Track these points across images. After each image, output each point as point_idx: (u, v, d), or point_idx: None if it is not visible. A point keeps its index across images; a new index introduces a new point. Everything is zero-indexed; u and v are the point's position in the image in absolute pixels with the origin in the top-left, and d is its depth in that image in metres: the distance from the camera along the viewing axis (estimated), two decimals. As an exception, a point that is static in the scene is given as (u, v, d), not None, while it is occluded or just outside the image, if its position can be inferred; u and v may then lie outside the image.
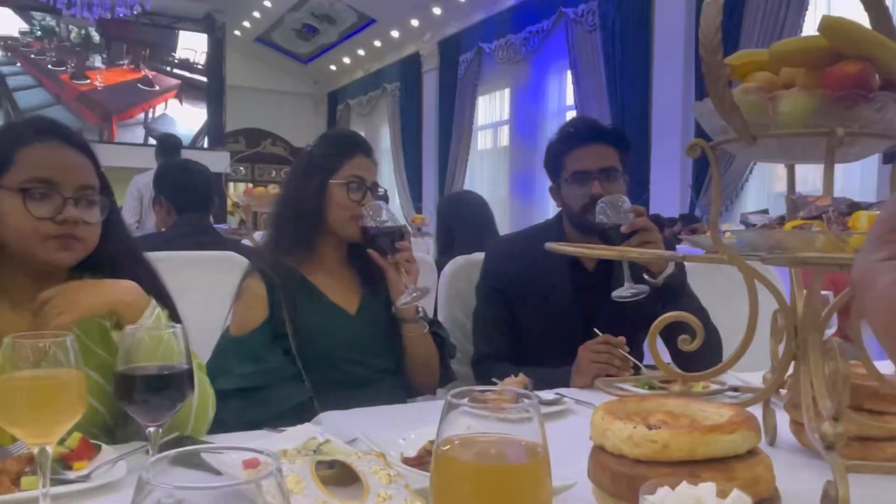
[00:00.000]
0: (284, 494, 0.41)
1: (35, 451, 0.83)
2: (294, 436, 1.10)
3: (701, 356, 1.22)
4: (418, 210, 10.25)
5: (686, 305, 1.54)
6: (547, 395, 1.49)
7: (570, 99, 8.41)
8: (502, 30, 9.23)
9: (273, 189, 3.96)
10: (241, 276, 1.70)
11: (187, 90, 12.48)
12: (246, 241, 3.39)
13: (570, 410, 1.43)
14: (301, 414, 1.37)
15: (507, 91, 9.80)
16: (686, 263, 1.71)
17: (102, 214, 1.22)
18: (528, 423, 0.57)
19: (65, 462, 1.03)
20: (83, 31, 11.51)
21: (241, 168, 13.62)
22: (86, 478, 1.00)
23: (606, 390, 1.28)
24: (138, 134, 11.91)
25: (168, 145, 4.82)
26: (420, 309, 1.74)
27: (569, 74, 8.23)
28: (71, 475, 1.01)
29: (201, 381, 1.23)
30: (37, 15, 11.24)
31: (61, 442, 1.03)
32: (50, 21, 11.37)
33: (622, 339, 1.63)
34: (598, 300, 1.81)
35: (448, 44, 10.46)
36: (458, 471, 0.55)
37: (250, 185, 10.87)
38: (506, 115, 9.92)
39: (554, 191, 1.96)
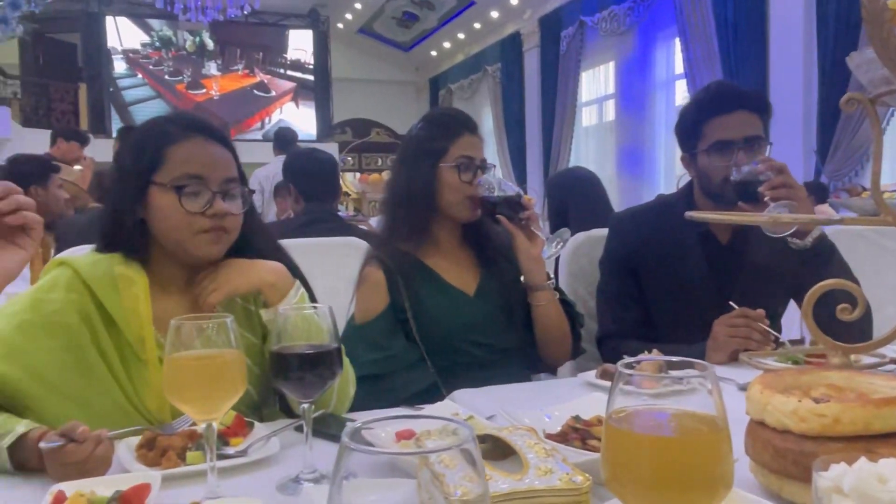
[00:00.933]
0: (477, 464, 0.41)
1: (202, 427, 0.87)
2: (434, 413, 1.11)
3: (850, 328, 1.14)
4: (524, 191, 10.15)
5: (837, 274, 1.43)
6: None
7: (678, 68, 8.07)
8: (605, 1, 8.96)
9: (387, 175, 4.03)
10: (361, 263, 1.74)
11: (302, 92, 12.80)
12: (363, 228, 3.47)
13: (709, 387, 1.38)
14: (426, 399, 1.38)
15: (611, 64, 9.52)
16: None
17: (245, 206, 1.28)
18: (701, 393, 0.54)
19: (223, 438, 1.09)
20: (198, 39, 12.07)
21: (349, 158, 13.96)
22: (243, 453, 1.05)
23: (752, 364, 1.22)
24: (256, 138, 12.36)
25: (285, 139, 5.01)
26: (550, 276, 1.72)
27: (677, 42, 7.89)
28: (229, 450, 1.06)
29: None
30: (154, 24, 11.88)
31: (216, 420, 1.08)
32: (167, 31, 11.99)
33: (761, 311, 1.55)
34: (732, 273, 1.73)
35: (549, 20, 10.27)
36: (634, 443, 0.54)
37: (358, 174, 11.12)
38: (611, 89, 9.65)
39: (686, 160, 1.86)
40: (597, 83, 9.99)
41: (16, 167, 2.90)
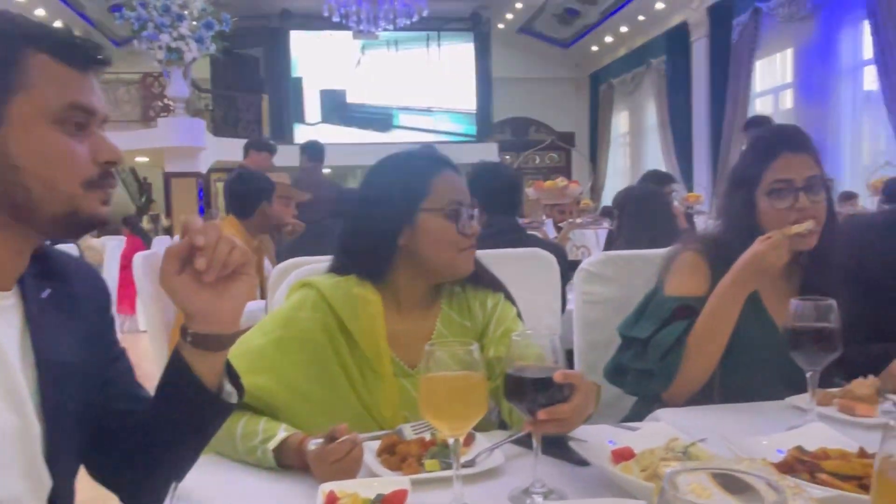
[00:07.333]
0: None
1: (450, 441, 0.97)
2: (650, 435, 1.15)
3: None
4: (689, 189, 9.83)
5: None
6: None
7: (867, 52, 7.45)
8: (783, -15, 8.44)
9: (561, 182, 4.10)
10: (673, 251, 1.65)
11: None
12: (537, 234, 3.53)
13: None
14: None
15: (788, 52, 8.94)
16: None
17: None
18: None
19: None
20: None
21: (507, 157, 14.11)
22: (472, 463, 1.14)
23: None
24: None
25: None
26: None
27: (866, 25, 7.29)
28: (457, 459, 1.16)
29: None
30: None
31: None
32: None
33: None
34: None
35: (719, 8, 9.81)
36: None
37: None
38: (788, 78, 9.07)
39: None
40: (772, 72, 9.44)
41: (256, 184, 3.25)
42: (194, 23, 8.54)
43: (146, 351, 3.80)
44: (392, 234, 1.35)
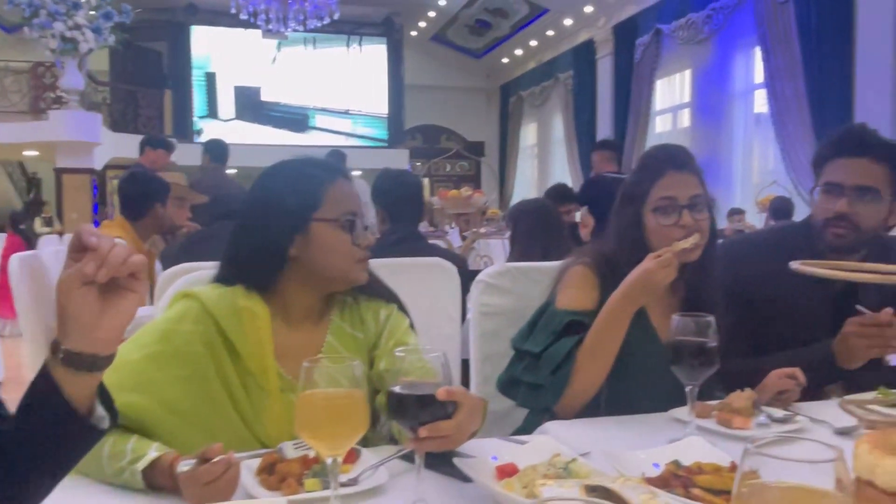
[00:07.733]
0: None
1: (328, 461, 0.94)
2: (536, 449, 1.15)
3: None
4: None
5: None
6: (777, 412, 1.44)
7: (758, 77, 7.91)
8: (682, 9, 8.83)
9: (466, 192, 4.11)
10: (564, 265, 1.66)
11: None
12: (441, 243, 3.53)
13: (804, 430, 1.37)
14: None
15: (687, 73, 9.37)
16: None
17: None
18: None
19: (334, 465, 1.15)
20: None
21: (418, 163, 14.14)
22: (355, 481, 1.11)
23: (851, 412, 1.21)
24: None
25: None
26: None
27: (757, 51, 7.72)
28: (341, 478, 1.12)
29: None
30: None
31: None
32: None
33: (889, 311, 1.50)
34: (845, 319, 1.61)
35: (623, 28, 10.18)
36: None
37: (426, 178, 11.24)
38: (686, 98, 9.50)
39: (811, 195, 1.83)
40: (672, 92, 9.87)
41: (149, 185, 3.11)
42: (92, 12, 8.13)
43: (27, 357, 3.59)
44: (282, 243, 1.30)
